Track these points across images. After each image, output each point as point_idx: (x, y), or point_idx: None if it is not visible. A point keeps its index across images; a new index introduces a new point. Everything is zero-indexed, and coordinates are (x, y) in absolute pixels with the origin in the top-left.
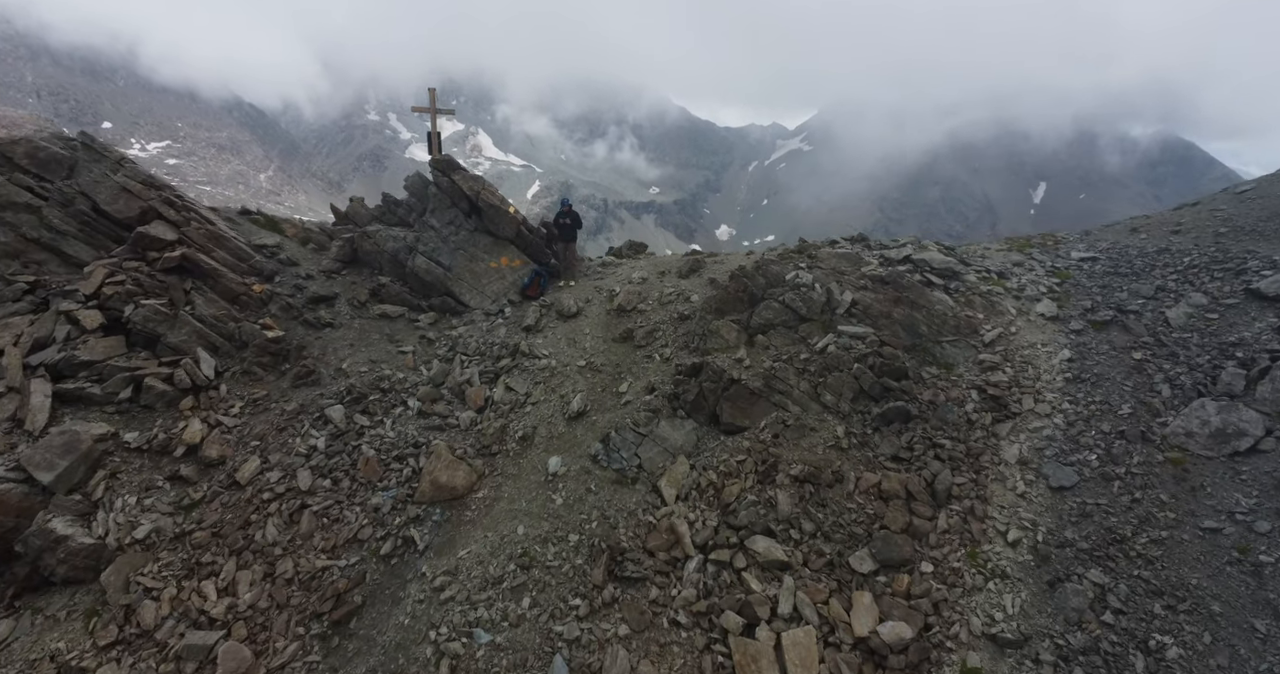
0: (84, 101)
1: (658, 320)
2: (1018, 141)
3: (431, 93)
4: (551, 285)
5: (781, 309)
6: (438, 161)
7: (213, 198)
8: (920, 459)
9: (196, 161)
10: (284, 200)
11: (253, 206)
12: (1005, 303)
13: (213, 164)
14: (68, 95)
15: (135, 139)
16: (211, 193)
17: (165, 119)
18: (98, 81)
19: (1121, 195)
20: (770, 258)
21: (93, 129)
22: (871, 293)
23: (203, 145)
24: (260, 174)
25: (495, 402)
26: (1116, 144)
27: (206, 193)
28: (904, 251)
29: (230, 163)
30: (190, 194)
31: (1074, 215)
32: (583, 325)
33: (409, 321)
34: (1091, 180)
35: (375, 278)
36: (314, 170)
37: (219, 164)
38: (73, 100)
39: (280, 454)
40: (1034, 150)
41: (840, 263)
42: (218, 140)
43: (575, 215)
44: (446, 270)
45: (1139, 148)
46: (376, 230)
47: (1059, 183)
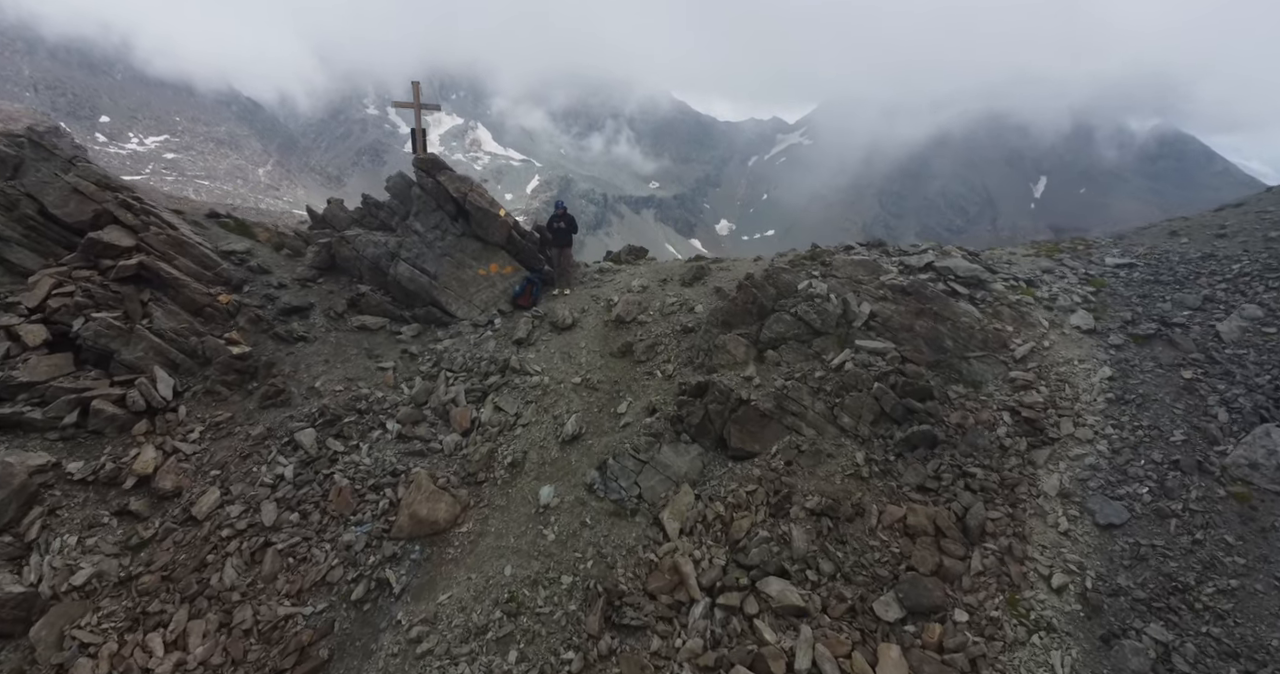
0: (81, 95)
1: (659, 333)
2: (1017, 136)
3: (415, 86)
4: (545, 294)
5: (794, 322)
6: (422, 161)
7: (211, 192)
8: (949, 490)
9: (195, 156)
10: (283, 195)
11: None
12: (1036, 314)
13: (211, 158)
14: (65, 89)
15: (133, 133)
16: (210, 187)
17: (163, 113)
18: (95, 75)
19: (1122, 189)
20: (781, 266)
21: (90, 123)
22: (892, 304)
23: (201, 140)
24: (259, 168)
25: (483, 423)
26: (1116, 138)
27: (205, 187)
28: (925, 258)
29: (229, 157)
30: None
31: (1074, 210)
32: (578, 338)
33: (390, 334)
34: (1091, 174)
35: (354, 286)
36: (313, 165)
37: (217, 158)
38: (70, 94)
39: (243, 485)
40: (1033, 145)
41: (857, 271)
42: (216, 135)
43: (571, 219)
44: (431, 278)
45: (1138, 142)
46: (356, 235)
47: (1059, 177)
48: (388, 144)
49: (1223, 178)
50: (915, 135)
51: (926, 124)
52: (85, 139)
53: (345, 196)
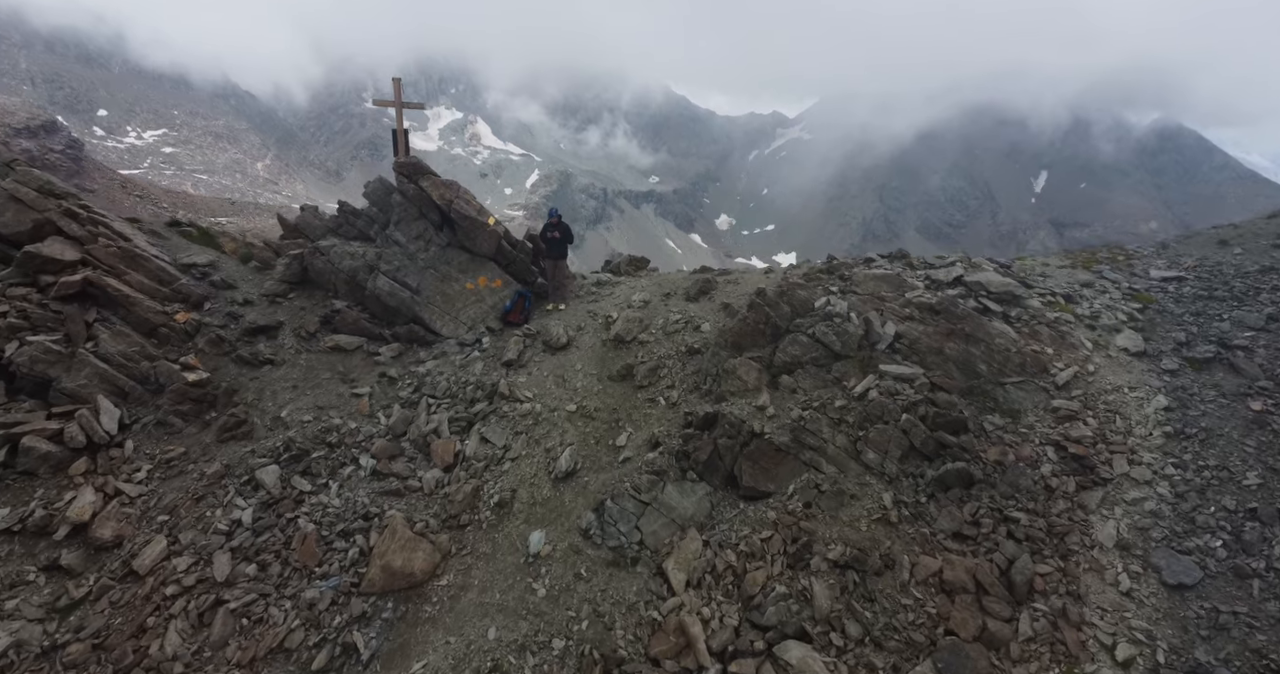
0: (79, 88)
1: (662, 354)
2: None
3: (396, 83)
4: (538, 309)
5: (811, 344)
6: (403, 165)
7: (210, 186)
8: (990, 538)
9: (193, 150)
10: (281, 189)
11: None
12: (1078, 334)
13: (210, 152)
14: (63, 82)
15: (131, 126)
16: (209, 181)
17: (162, 107)
18: (93, 68)
19: (1123, 183)
20: (795, 280)
21: (88, 116)
22: (919, 324)
23: (199, 133)
24: (257, 163)
25: (467, 457)
26: (1115, 131)
27: (204, 181)
28: (954, 272)
29: (227, 151)
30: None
31: (1075, 204)
32: (573, 360)
33: (367, 355)
34: (1092, 168)
35: (328, 302)
36: (312, 159)
37: (216, 152)
38: (68, 87)
39: (194, 532)
40: (1032, 139)
41: (879, 287)
42: (214, 128)
43: (565, 228)
44: (414, 293)
45: (1139, 135)
46: (331, 246)
47: (1059, 171)
48: (386, 138)
49: (1224, 172)
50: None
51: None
52: (83, 133)
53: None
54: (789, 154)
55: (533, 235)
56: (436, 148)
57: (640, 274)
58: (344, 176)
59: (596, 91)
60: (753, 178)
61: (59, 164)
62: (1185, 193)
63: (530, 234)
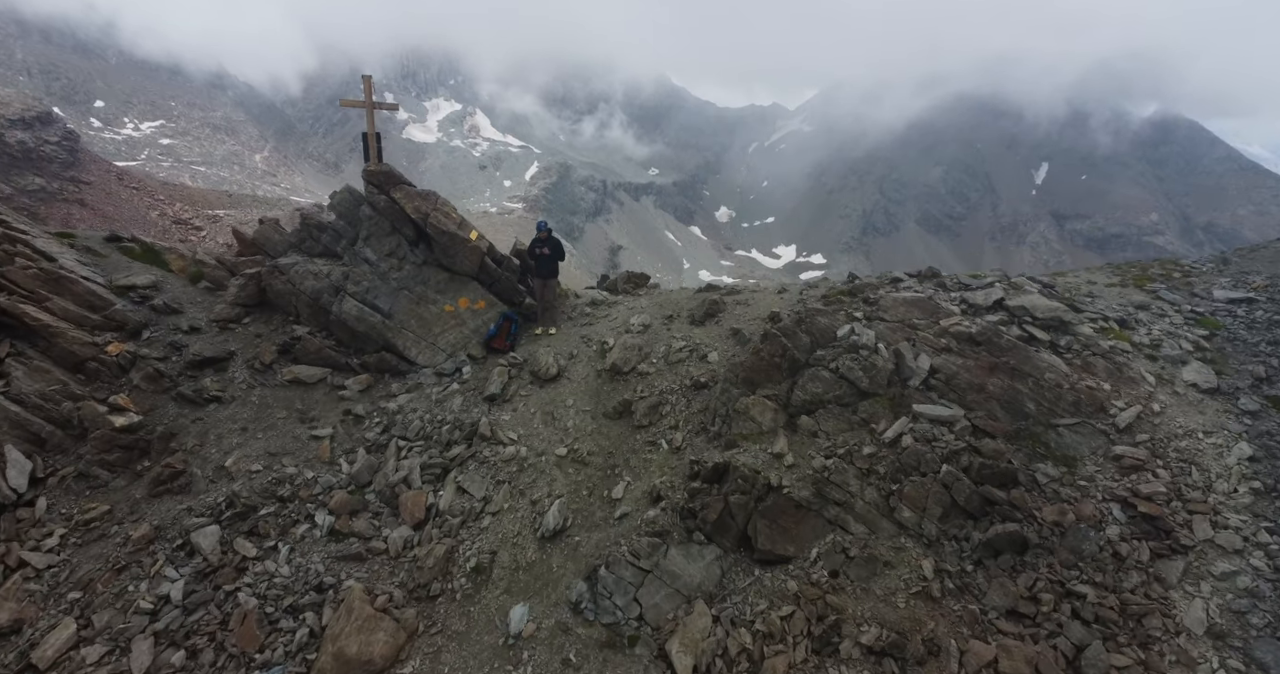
0: (75, 79)
1: (664, 388)
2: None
3: (366, 81)
4: (525, 334)
5: (834, 380)
6: (373, 174)
7: (208, 178)
8: (1052, 618)
9: (191, 141)
10: (280, 181)
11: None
12: (1137, 366)
13: (208, 144)
14: (59, 73)
15: (129, 118)
16: (207, 173)
17: (159, 98)
18: (89, 59)
19: (1124, 175)
20: (815, 306)
21: (85, 108)
22: (957, 357)
23: (197, 125)
24: (256, 155)
25: (441, 511)
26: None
27: (202, 173)
28: (993, 294)
29: (225, 143)
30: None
31: (1077, 196)
32: (564, 393)
33: (331, 389)
34: (1093, 160)
35: (288, 328)
36: (310, 151)
37: (214, 144)
38: (64, 78)
39: (111, 612)
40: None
41: (910, 313)
42: (212, 120)
43: (556, 243)
44: (385, 317)
45: (1139, 127)
46: (292, 264)
47: (1060, 163)
48: (384, 130)
49: (1226, 164)
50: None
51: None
52: (80, 124)
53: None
54: (789, 146)
55: (520, 250)
56: (435, 139)
57: (640, 292)
58: (343, 168)
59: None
60: (753, 170)
61: (54, 155)
62: (1187, 185)
63: (517, 249)
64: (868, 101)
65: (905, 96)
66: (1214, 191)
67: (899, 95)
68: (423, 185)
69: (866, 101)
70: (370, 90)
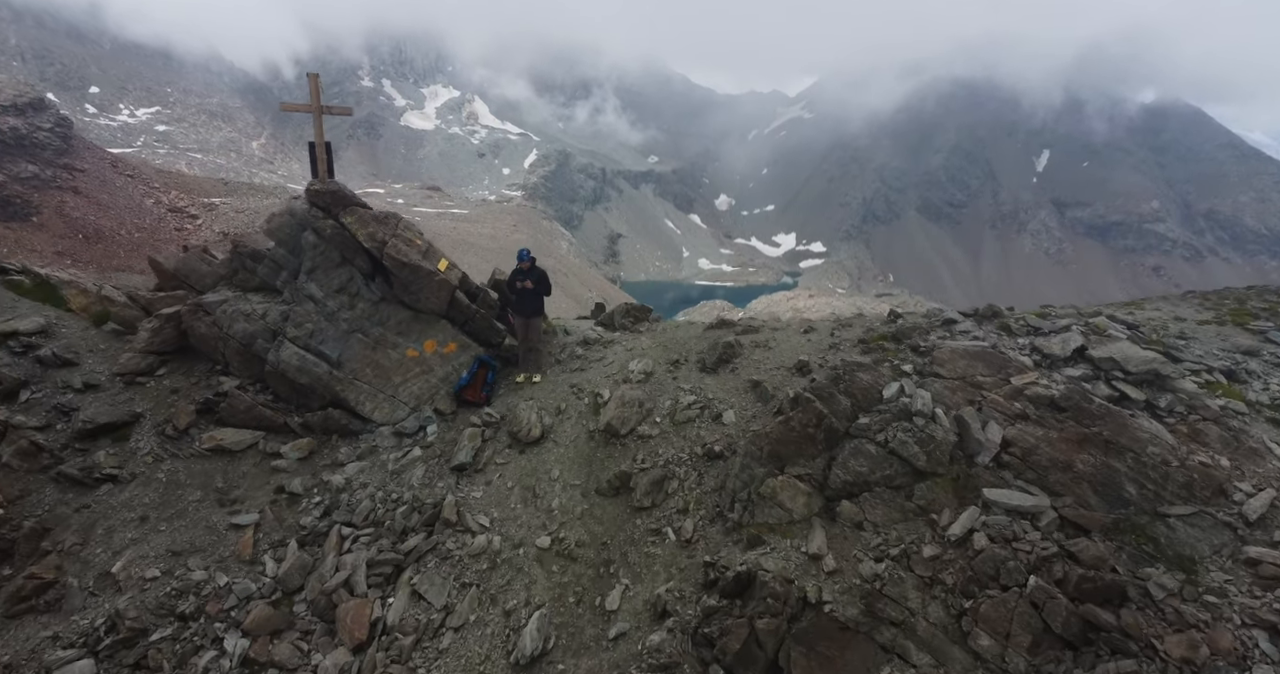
0: (70, 65)
1: (670, 458)
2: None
3: (313, 80)
4: (504, 382)
5: (882, 456)
6: (318, 194)
7: (204, 166)
8: None
9: (187, 128)
10: (277, 168)
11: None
12: (1258, 432)
13: (204, 131)
14: (53, 59)
15: (124, 104)
16: (203, 160)
17: (154, 84)
18: (83, 44)
19: (1125, 163)
20: (853, 357)
21: (79, 94)
22: (1037, 426)
23: (193, 111)
24: (253, 142)
25: (389, 628)
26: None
27: (198, 161)
28: (1071, 341)
29: (222, 130)
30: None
31: (1077, 184)
32: (549, 461)
33: (263, 458)
34: (1095, 147)
35: (213, 381)
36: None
37: (210, 131)
38: (59, 64)
39: None
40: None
41: (971, 367)
42: (208, 107)
43: (541, 275)
44: (333, 366)
45: (1140, 113)
46: (220, 302)
47: (1061, 150)
48: (383, 117)
49: (1227, 151)
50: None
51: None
52: (74, 111)
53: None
54: (789, 133)
55: (500, 281)
56: (434, 126)
57: (640, 328)
58: (340, 156)
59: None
60: (753, 157)
61: (47, 143)
62: (1188, 172)
63: (496, 280)
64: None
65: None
66: (1215, 179)
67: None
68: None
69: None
70: (318, 90)
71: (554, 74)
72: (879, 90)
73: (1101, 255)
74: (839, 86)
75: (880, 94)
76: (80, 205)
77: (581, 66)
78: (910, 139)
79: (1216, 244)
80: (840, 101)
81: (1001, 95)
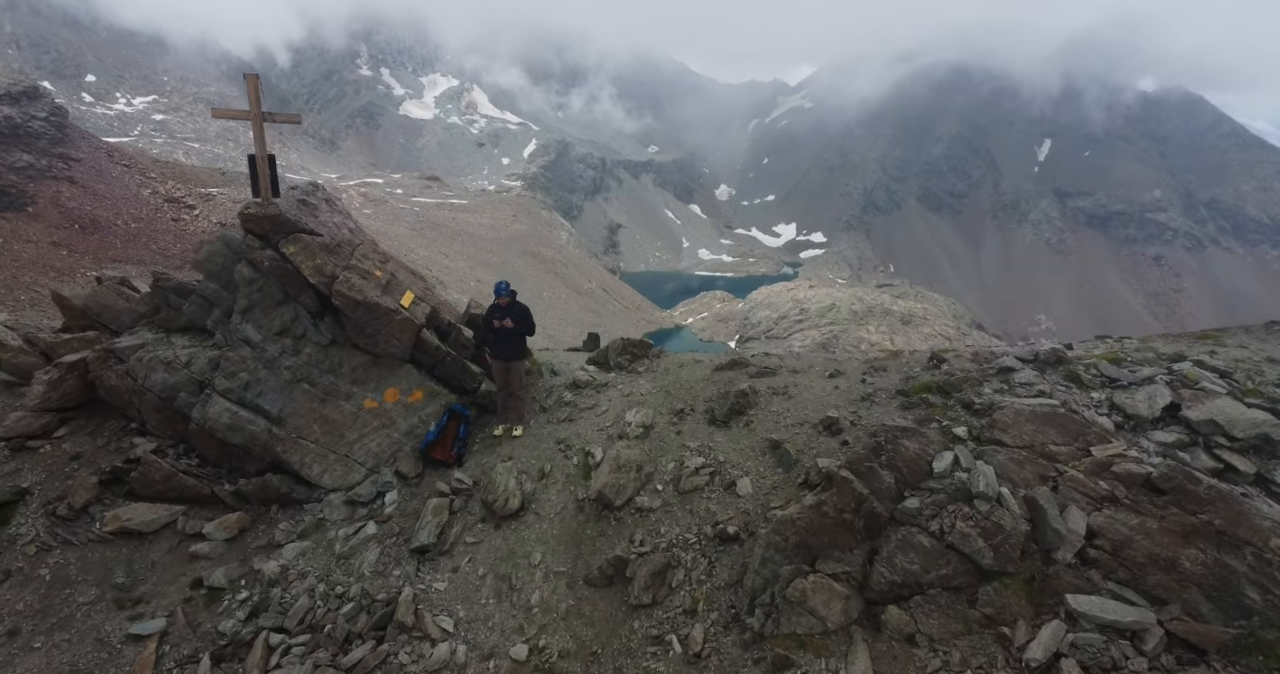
0: (66, 53)
1: (675, 539)
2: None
3: (251, 82)
4: (480, 434)
5: (937, 551)
6: (253, 220)
7: (202, 155)
8: None
9: (184, 117)
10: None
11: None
12: None
13: (201, 120)
14: (49, 46)
15: (120, 93)
16: (201, 150)
17: (151, 73)
18: (79, 32)
19: (1127, 152)
20: (894, 419)
21: (76, 82)
22: (1130, 512)
23: (190, 100)
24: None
25: None
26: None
27: (196, 150)
28: (1158, 397)
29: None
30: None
31: (1079, 173)
32: (529, 540)
33: (181, 541)
34: (1097, 136)
35: (125, 443)
36: (306, 128)
37: (207, 120)
38: (54, 51)
39: None
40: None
41: (1042, 433)
42: (205, 95)
43: (523, 311)
44: (273, 423)
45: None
46: (136, 347)
47: (1063, 139)
48: (381, 106)
49: (1230, 139)
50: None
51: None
52: (71, 99)
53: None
54: (790, 123)
55: (476, 315)
56: (433, 116)
57: (638, 368)
58: (339, 145)
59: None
60: (753, 147)
61: (42, 132)
62: (1190, 161)
63: (472, 312)
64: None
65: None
66: (1217, 168)
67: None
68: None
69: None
70: (257, 94)
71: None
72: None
73: (1103, 245)
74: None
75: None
76: (76, 195)
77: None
78: (911, 128)
79: (1218, 233)
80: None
81: (1000, 84)
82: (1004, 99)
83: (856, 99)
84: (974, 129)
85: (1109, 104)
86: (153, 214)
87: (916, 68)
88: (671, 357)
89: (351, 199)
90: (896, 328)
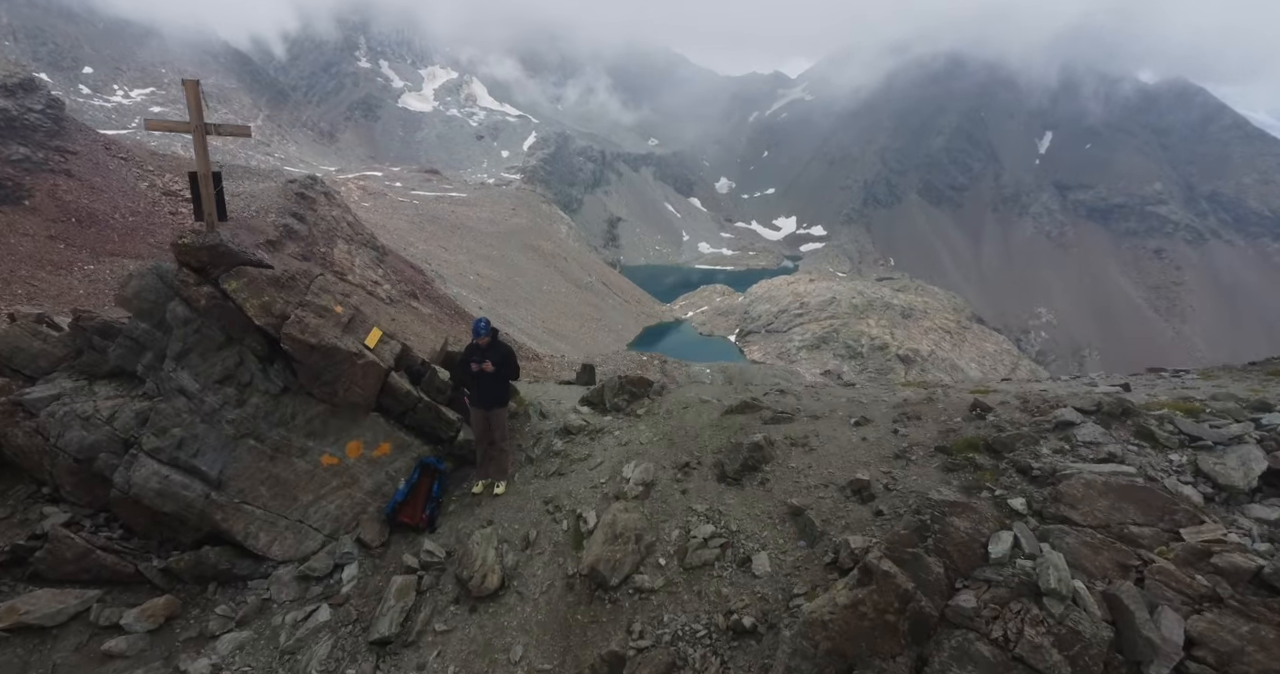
0: (63, 45)
1: (680, 629)
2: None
3: (189, 88)
4: (456, 493)
5: (1001, 664)
6: (188, 251)
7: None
8: None
9: (183, 110)
10: (274, 150)
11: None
12: None
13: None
14: (46, 38)
15: (118, 85)
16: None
17: (149, 65)
18: (76, 23)
19: (1128, 144)
20: (939, 493)
21: (73, 74)
22: (1237, 617)
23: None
24: (249, 123)
25: None
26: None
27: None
28: (1253, 461)
29: (218, 111)
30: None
31: (1080, 166)
32: (509, 629)
33: (92, 636)
34: (1098, 129)
35: (33, 513)
36: (304, 120)
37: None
38: (51, 43)
39: None
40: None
41: (1117, 510)
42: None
43: (506, 352)
44: (212, 487)
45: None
46: (50, 398)
47: (1064, 132)
48: (380, 98)
49: (1231, 132)
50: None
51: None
52: (68, 91)
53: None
54: (790, 115)
55: (452, 354)
56: (432, 108)
57: (638, 408)
58: (337, 138)
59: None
60: (753, 140)
61: (39, 124)
62: (1191, 153)
63: (449, 350)
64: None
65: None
66: (1218, 160)
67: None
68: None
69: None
70: (198, 102)
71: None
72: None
73: (1103, 238)
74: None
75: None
76: (73, 188)
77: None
78: (911, 121)
79: (1219, 226)
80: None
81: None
82: (1002, 90)
83: (856, 91)
84: (974, 121)
85: (1107, 95)
86: (150, 207)
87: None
88: (675, 396)
89: (350, 192)
90: (897, 321)
